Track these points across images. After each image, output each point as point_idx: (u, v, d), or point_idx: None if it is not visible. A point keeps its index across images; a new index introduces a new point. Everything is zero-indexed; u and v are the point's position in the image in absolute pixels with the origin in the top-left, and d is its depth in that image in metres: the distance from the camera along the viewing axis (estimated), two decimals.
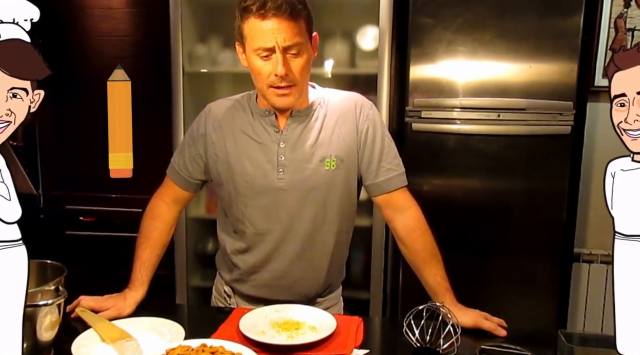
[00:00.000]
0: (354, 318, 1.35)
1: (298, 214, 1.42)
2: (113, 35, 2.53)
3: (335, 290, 1.58)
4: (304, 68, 1.33)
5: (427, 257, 1.41)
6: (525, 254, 2.33)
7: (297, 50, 1.30)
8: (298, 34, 1.29)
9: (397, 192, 1.45)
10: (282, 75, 1.29)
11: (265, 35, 1.27)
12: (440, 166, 2.33)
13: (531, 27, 2.20)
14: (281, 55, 1.28)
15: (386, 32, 2.26)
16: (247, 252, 1.47)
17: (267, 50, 1.29)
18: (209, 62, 2.51)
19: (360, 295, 2.41)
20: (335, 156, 1.41)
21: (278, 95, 1.34)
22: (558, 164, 2.26)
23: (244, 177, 1.42)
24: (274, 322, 1.31)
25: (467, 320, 1.31)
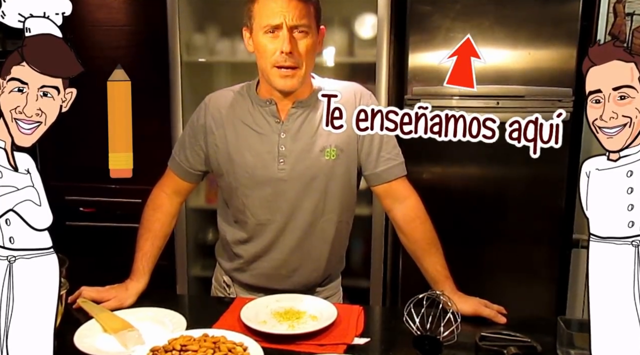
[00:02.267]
0: (354, 307, 1.36)
1: (298, 204, 1.42)
2: (110, 25, 2.51)
3: (335, 280, 1.59)
4: (309, 51, 1.35)
5: (426, 246, 1.42)
6: (524, 241, 2.34)
7: (304, 31, 1.33)
8: (306, 16, 1.32)
9: (397, 182, 1.45)
10: (287, 53, 1.31)
11: (274, 12, 1.30)
12: (439, 154, 2.33)
13: (530, 14, 2.19)
14: (288, 33, 1.31)
15: (384, 20, 2.25)
16: (248, 242, 1.48)
17: (275, 27, 1.31)
18: (207, 52, 2.49)
19: (361, 283, 2.42)
20: (335, 146, 1.41)
21: (281, 76, 1.35)
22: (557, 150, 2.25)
23: (244, 167, 1.42)
24: (275, 312, 1.32)
25: (466, 308, 1.32)
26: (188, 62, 2.45)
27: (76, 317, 1.28)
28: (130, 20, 2.52)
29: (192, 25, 2.49)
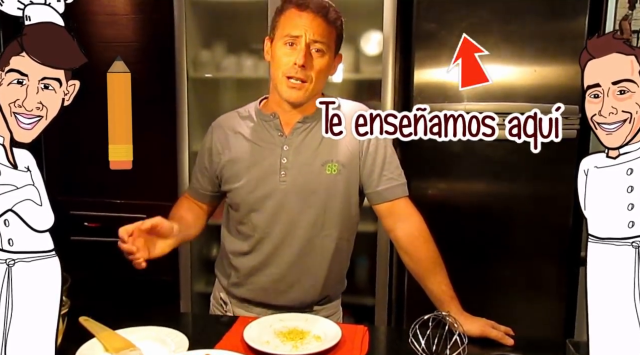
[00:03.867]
0: (359, 327, 1.35)
1: (298, 217, 1.42)
2: (118, 41, 2.54)
3: (334, 300, 1.57)
4: (322, 69, 1.37)
5: (430, 265, 1.40)
6: (531, 259, 2.31)
7: (322, 49, 1.36)
8: (326, 36, 1.36)
9: (399, 201, 1.45)
10: (300, 65, 1.34)
11: (297, 24, 1.35)
12: (445, 171, 2.31)
13: (536, 31, 2.19)
14: (305, 47, 1.34)
15: (390, 37, 2.26)
16: (247, 254, 1.48)
17: (294, 37, 1.35)
18: (213, 68, 2.51)
19: (366, 301, 2.40)
20: (337, 161, 1.42)
21: (290, 87, 1.37)
22: (564, 168, 2.24)
23: (248, 181, 1.44)
24: (278, 332, 1.30)
25: (473, 329, 1.30)
26: (194, 78, 2.47)
27: (77, 336, 1.27)
28: (138, 36, 2.54)
29: (199, 42, 2.51)
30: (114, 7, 2.53)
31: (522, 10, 2.17)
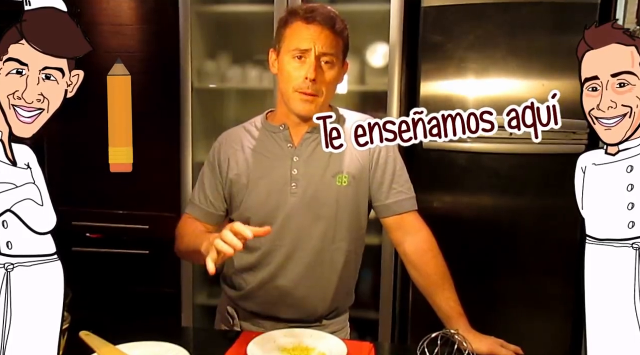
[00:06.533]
0: (364, 344, 1.32)
1: (307, 229, 1.40)
2: (123, 52, 2.54)
3: (342, 314, 1.54)
4: (332, 81, 1.36)
5: (439, 280, 1.38)
6: (538, 274, 2.28)
7: (331, 61, 1.35)
8: (335, 48, 1.35)
9: (408, 215, 1.43)
10: (311, 79, 1.32)
11: (305, 38, 1.33)
12: (451, 185, 2.29)
13: (543, 44, 2.17)
14: (315, 61, 1.33)
15: (396, 48, 2.25)
16: (256, 267, 1.45)
17: (302, 51, 1.33)
18: (218, 78, 2.50)
19: (369, 315, 2.37)
20: (347, 173, 1.41)
21: (302, 101, 1.35)
22: (572, 183, 2.21)
23: (257, 194, 1.42)
24: (282, 348, 1.28)
25: (482, 347, 1.28)
26: (199, 88, 2.46)
27: (78, 352, 1.24)
28: (143, 47, 2.54)
29: (203, 52, 2.51)
30: (119, 17, 2.53)
31: (530, 23, 2.16)
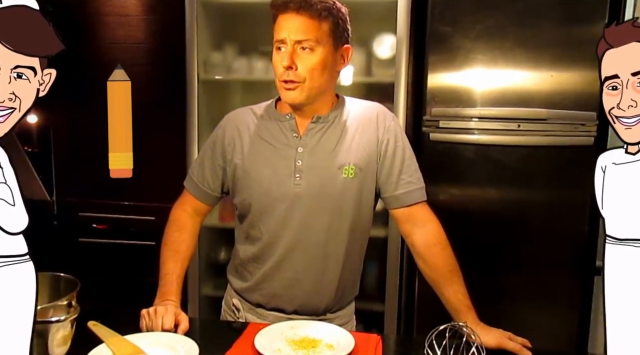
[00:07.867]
0: (372, 336, 1.31)
1: (311, 221, 1.39)
2: (129, 43, 2.53)
3: (347, 306, 1.54)
4: (315, 67, 1.34)
5: (448, 273, 1.37)
6: (545, 268, 2.27)
7: (310, 46, 1.33)
8: (313, 32, 1.32)
9: (417, 206, 1.42)
10: (285, 67, 1.32)
11: (282, 28, 1.33)
12: (459, 177, 2.28)
13: (552, 35, 2.15)
14: (290, 48, 1.32)
15: (404, 40, 2.23)
16: (259, 259, 1.45)
17: (281, 42, 1.34)
18: (224, 70, 2.49)
19: (375, 307, 2.37)
20: (354, 164, 1.39)
21: (285, 89, 1.36)
22: (580, 175, 2.20)
23: (260, 182, 1.40)
24: (290, 340, 1.27)
25: (490, 340, 1.27)
26: (205, 79, 2.45)
27: (86, 341, 1.24)
28: (149, 38, 2.53)
29: (209, 43, 2.49)
30: (125, 8, 2.53)
31: (539, 14, 2.14)
